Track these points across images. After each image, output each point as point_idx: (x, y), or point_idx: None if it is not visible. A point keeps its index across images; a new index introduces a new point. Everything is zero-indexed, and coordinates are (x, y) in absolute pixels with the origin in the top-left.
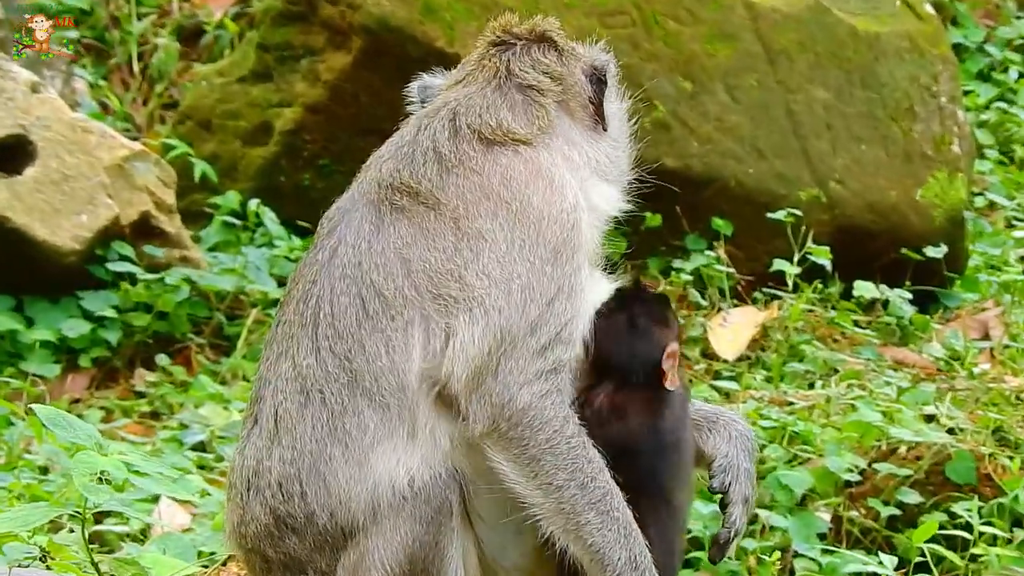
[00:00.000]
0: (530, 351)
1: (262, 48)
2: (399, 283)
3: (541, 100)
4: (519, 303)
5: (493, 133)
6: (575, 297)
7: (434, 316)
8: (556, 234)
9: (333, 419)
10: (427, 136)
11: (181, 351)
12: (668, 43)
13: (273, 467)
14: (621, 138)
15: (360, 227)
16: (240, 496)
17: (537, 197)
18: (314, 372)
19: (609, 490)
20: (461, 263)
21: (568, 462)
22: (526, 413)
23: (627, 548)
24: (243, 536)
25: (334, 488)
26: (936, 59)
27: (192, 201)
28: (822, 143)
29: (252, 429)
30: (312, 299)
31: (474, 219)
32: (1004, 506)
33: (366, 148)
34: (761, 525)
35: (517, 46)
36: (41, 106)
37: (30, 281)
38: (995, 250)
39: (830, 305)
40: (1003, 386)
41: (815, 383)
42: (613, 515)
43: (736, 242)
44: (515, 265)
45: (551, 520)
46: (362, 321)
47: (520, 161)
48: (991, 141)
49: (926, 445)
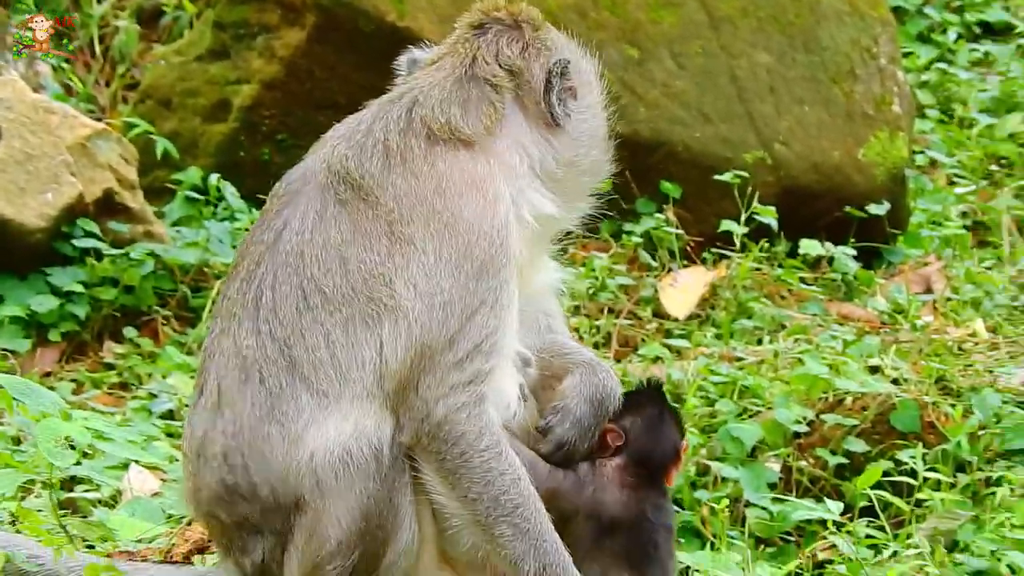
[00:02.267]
0: (448, 365)
1: (219, 27)
2: (338, 281)
3: (493, 97)
4: (440, 318)
5: (441, 130)
6: (499, 309)
7: (368, 321)
8: (484, 249)
9: (271, 399)
10: (381, 126)
11: (148, 323)
12: (614, 12)
13: (217, 439)
14: (583, 136)
15: (305, 214)
16: (191, 464)
17: (469, 210)
18: (254, 353)
19: (522, 502)
20: (392, 268)
21: (482, 474)
22: (441, 427)
23: (538, 559)
24: (198, 501)
25: (272, 463)
26: (876, 21)
27: (155, 178)
28: (766, 106)
29: (199, 400)
30: (255, 281)
31: (407, 224)
32: (947, 452)
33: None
34: (713, 476)
35: (490, 33)
36: (3, 88)
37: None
38: (936, 206)
39: (777, 263)
40: (945, 337)
41: (763, 339)
42: (524, 527)
43: (685, 204)
44: (440, 279)
45: (469, 530)
46: (303, 312)
47: (458, 169)
48: (931, 101)
49: (871, 396)
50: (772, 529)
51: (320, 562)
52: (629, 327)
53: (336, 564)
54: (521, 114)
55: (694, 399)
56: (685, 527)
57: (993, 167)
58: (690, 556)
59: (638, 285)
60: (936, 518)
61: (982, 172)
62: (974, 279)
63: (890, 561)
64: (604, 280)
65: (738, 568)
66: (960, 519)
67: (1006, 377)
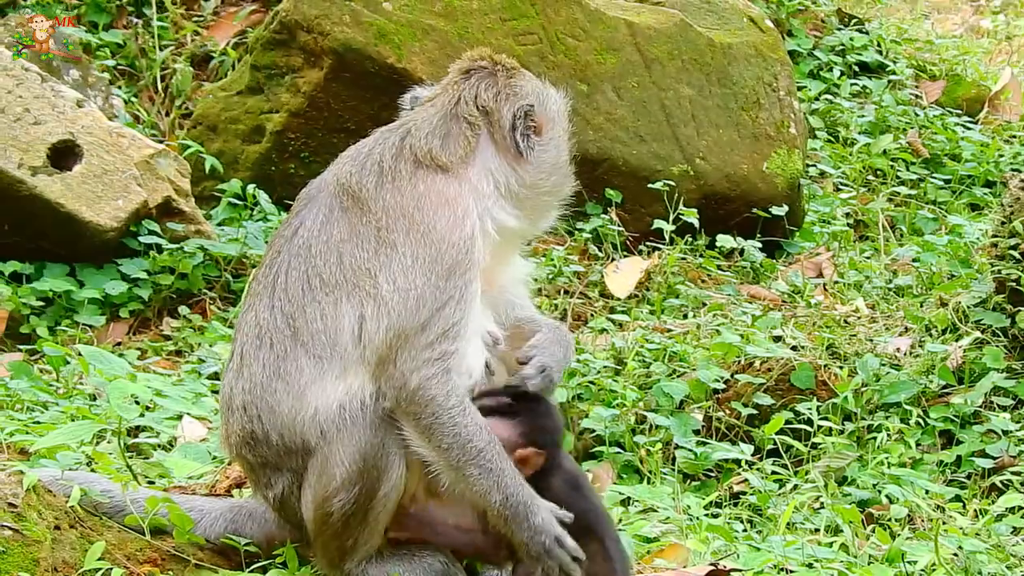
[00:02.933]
0: (420, 345)
1: (255, 68)
2: (333, 270)
3: (468, 133)
4: (413, 308)
5: (424, 157)
6: (463, 303)
7: (353, 303)
8: (452, 256)
9: (277, 361)
10: (379, 150)
11: (198, 303)
12: (568, 55)
13: (239, 394)
14: (544, 165)
15: (316, 216)
16: (223, 415)
17: (441, 223)
18: (267, 324)
19: (484, 448)
20: (377, 265)
21: (450, 428)
22: (416, 393)
23: (501, 491)
24: (229, 445)
25: (279, 414)
26: (776, 62)
27: (204, 188)
28: (689, 129)
29: (229, 362)
30: (275, 267)
31: (391, 231)
32: (837, 405)
33: (337, 143)
34: (648, 424)
35: (473, 78)
36: (85, 117)
37: (80, 252)
38: (825, 208)
39: (698, 254)
40: (833, 313)
41: (688, 314)
42: (488, 467)
43: (625, 207)
44: (415, 277)
45: (445, 473)
46: (305, 292)
47: (435, 190)
48: (821, 124)
49: (775, 359)
50: (697, 467)
51: (328, 495)
52: (581, 305)
53: (341, 497)
54: (492, 147)
55: (633, 362)
56: (627, 465)
57: (870, 177)
58: (631, 489)
59: (588, 271)
60: (828, 458)
61: (861, 181)
62: (856, 266)
63: (792, 493)
64: (560, 268)
65: (669, 499)
66: (848, 459)
67: (883, 345)
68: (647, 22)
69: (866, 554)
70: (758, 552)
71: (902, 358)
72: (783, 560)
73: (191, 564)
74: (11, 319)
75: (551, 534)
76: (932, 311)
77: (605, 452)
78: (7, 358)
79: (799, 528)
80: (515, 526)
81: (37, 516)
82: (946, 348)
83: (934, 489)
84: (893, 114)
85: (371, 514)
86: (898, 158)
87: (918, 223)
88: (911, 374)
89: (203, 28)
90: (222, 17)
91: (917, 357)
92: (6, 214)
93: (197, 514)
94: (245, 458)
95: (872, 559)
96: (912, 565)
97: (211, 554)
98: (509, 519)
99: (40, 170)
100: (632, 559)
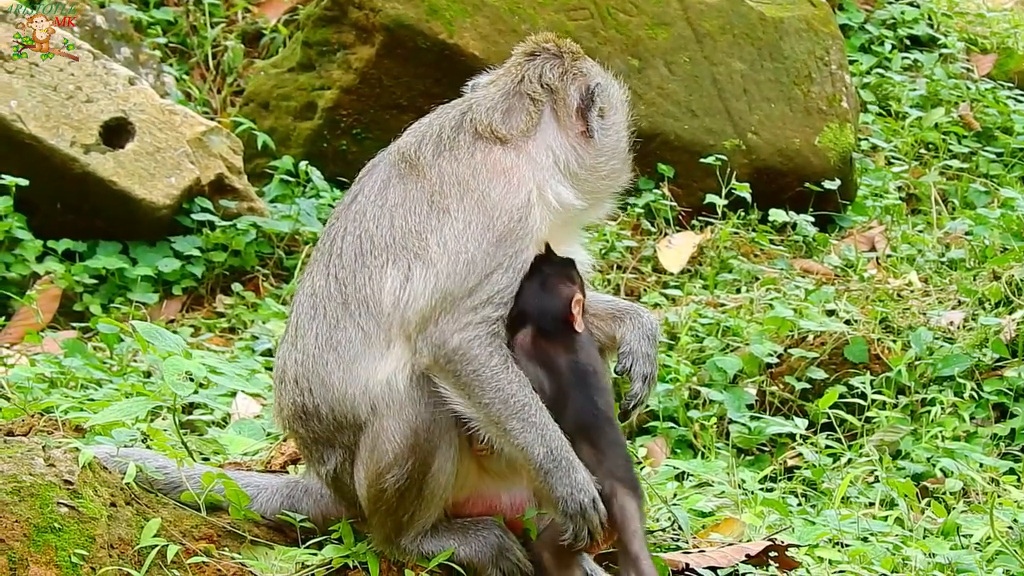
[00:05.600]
0: (465, 308)
1: (306, 45)
2: (384, 232)
3: (531, 108)
4: (461, 272)
5: (484, 129)
6: (512, 272)
7: (400, 261)
8: (504, 223)
9: (329, 331)
10: (439, 123)
11: (251, 280)
12: (619, 30)
13: (291, 366)
14: (605, 148)
15: (375, 182)
16: (276, 388)
17: (496, 191)
18: (322, 291)
19: (527, 403)
20: (428, 228)
21: (492, 384)
22: (456, 352)
23: (545, 444)
24: (283, 419)
25: (331, 387)
26: (827, 36)
27: (256, 165)
28: (740, 104)
29: (285, 334)
30: (332, 233)
31: (445, 197)
32: (890, 379)
33: (389, 119)
34: (702, 399)
35: (538, 59)
36: (137, 95)
37: (133, 230)
38: (877, 182)
39: (751, 228)
40: (886, 286)
41: (741, 289)
42: (531, 421)
43: (677, 182)
44: (466, 243)
45: (486, 429)
46: (358, 256)
47: (492, 159)
48: (872, 99)
49: (828, 333)
50: (751, 441)
51: (382, 471)
52: (633, 280)
53: (394, 473)
54: (555, 123)
55: (686, 337)
56: (681, 440)
57: (922, 151)
58: (685, 463)
59: (640, 246)
60: (882, 432)
61: (913, 155)
62: (909, 240)
63: (846, 467)
64: (613, 243)
65: (724, 473)
66: (901, 432)
67: (936, 318)
68: None
69: (921, 528)
70: (813, 526)
71: (955, 331)
72: (838, 534)
73: (247, 540)
74: (65, 297)
75: (589, 493)
76: (985, 284)
77: (659, 427)
78: (61, 336)
79: (854, 502)
80: (556, 481)
81: (93, 493)
82: (999, 321)
83: (988, 462)
84: (944, 87)
85: (426, 489)
86: (950, 131)
87: (970, 196)
88: (964, 347)
89: (254, 5)
90: None
91: (970, 330)
92: (59, 193)
93: (253, 490)
94: (297, 432)
95: (927, 532)
96: (967, 538)
97: (267, 530)
98: (551, 473)
99: (93, 148)
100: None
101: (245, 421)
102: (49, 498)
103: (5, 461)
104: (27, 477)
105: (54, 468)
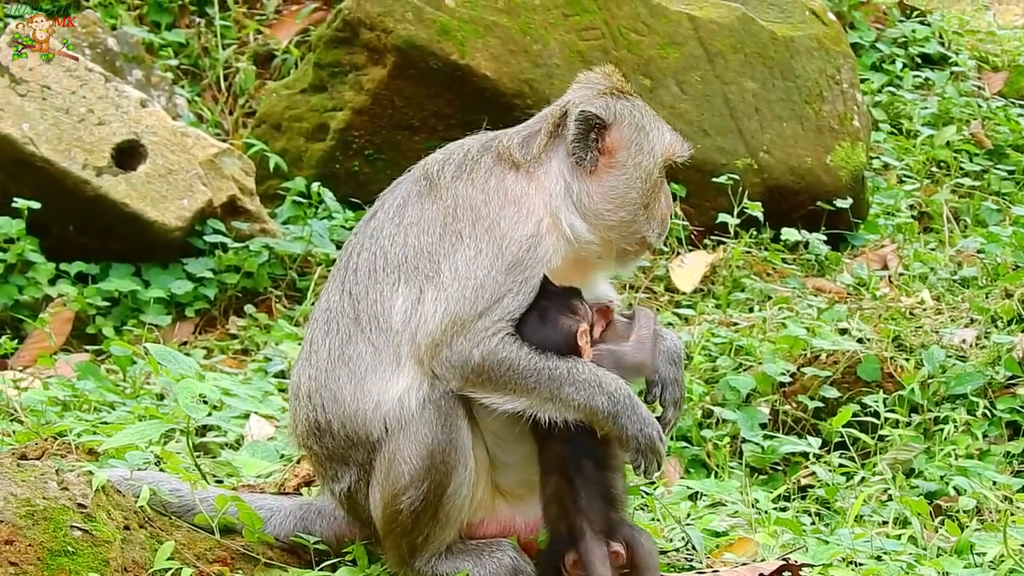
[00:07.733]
0: (477, 328)
1: (318, 66)
2: (398, 251)
3: (542, 137)
4: (471, 297)
5: (504, 152)
6: (520, 296)
7: (412, 282)
8: (514, 252)
9: (341, 346)
10: (472, 142)
11: (264, 301)
12: (631, 50)
13: (305, 381)
14: (611, 191)
15: (394, 199)
16: (291, 404)
17: (505, 220)
18: (335, 307)
19: (568, 366)
20: (440, 252)
21: (531, 369)
22: (483, 363)
23: (603, 392)
24: (296, 435)
25: (342, 402)
26: (838, 55)
27: (268, 186)
28: (752, 123)
29: (300, 352)
30: (350, 248)
31: (459, 221)
32: (903, 397)
33: (401, 140)
34: (715, 418)
35: (578, 87)
36: (149, 117)
37: (145, 252)
38: (889, 200)
39: (763, 247)
40: (899, 305)
41: (754, 308)
42: (580, 378)
43: (689, 201)
44: (476, 269)
45: (543, 408)
46: (371, 272)
47: (504, 186)
48: (884, 117)
49: (841, 352)
50: (764, 460)
51: (397, 492)
52: (646, 299)
53: (410, 494)
54: (563, 153)
55: (699, 356)
56: (694, 460)
57: (934, 169)
58: (699, 483)
59: (653, 266)
60: (895, 450)
61: (925, 173)
62: (921, 258)
63: (859, 485)
64: None
65: (737, 492)
66: (915, 451)
67: (949, 336)
68: (709, 16)
69: (935, 546)
70: (827, 545)
71: (968, 349)
72: (852, 553)
73: (260, 563)
74: (77, 319)
75: (656, 426)
76: (997, 302)
77: (672, 447)
78: (74, 359)
79: (867, 521)
80: (626, 420)
81: (106, 516)
82: (1012, 339)
83: (1002, 480)
84: (956, 105)
85: (441, 511)
86: (961, 149)
87: (982, 214)
88: (977, 365)
89: (265, 27)
90: (284, 15)
91: (983, 348)
92: (72, 215)
93: (266, 512)
94: (311, 449)
95: (941, 551)
96: (981, 556)
97: (280, 552)
98: (619, 415)
99: (105, 170)
100: (701, 552)
101: (258, 443)
102: (63, 522)
103: (19, 485)
104: (41, 501)
105: (68, 492)
